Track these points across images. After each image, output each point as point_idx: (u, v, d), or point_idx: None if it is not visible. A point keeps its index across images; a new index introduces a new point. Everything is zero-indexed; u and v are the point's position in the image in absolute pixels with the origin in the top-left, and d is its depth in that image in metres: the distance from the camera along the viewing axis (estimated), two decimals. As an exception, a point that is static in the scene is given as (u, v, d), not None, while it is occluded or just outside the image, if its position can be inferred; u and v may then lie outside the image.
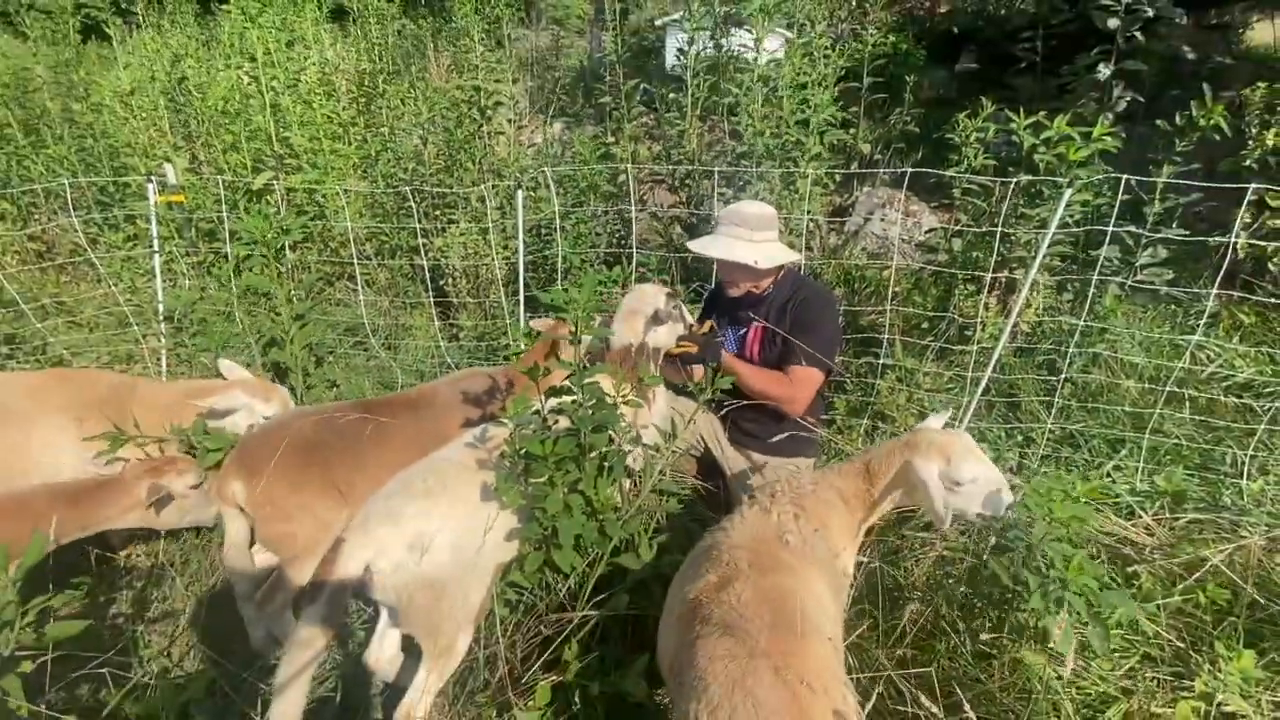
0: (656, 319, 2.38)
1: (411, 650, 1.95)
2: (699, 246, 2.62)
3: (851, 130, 5.72)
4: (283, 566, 2.20)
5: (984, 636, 1.87)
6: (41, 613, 1.62)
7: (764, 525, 1.72)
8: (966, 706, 1.49)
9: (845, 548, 1.82)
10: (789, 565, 1.58)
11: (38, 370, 3.24)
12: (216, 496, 2.18)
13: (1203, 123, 3.13)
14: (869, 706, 1.59)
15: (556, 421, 1.95)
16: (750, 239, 2.52)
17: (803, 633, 1.35)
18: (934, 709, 1.52)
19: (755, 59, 4.31)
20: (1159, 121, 3.46)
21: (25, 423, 2.36)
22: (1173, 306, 3.77)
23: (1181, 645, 1.90)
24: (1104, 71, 4.90)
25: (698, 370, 2.75)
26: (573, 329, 1.92)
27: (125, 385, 2.65)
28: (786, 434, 2.57)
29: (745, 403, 2.56)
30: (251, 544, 2.25)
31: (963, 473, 1.74)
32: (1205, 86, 3.32)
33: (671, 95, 4.83)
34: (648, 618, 1.93)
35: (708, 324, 2.67)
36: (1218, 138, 3.22)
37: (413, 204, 4.55)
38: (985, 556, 1.88)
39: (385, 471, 2.05)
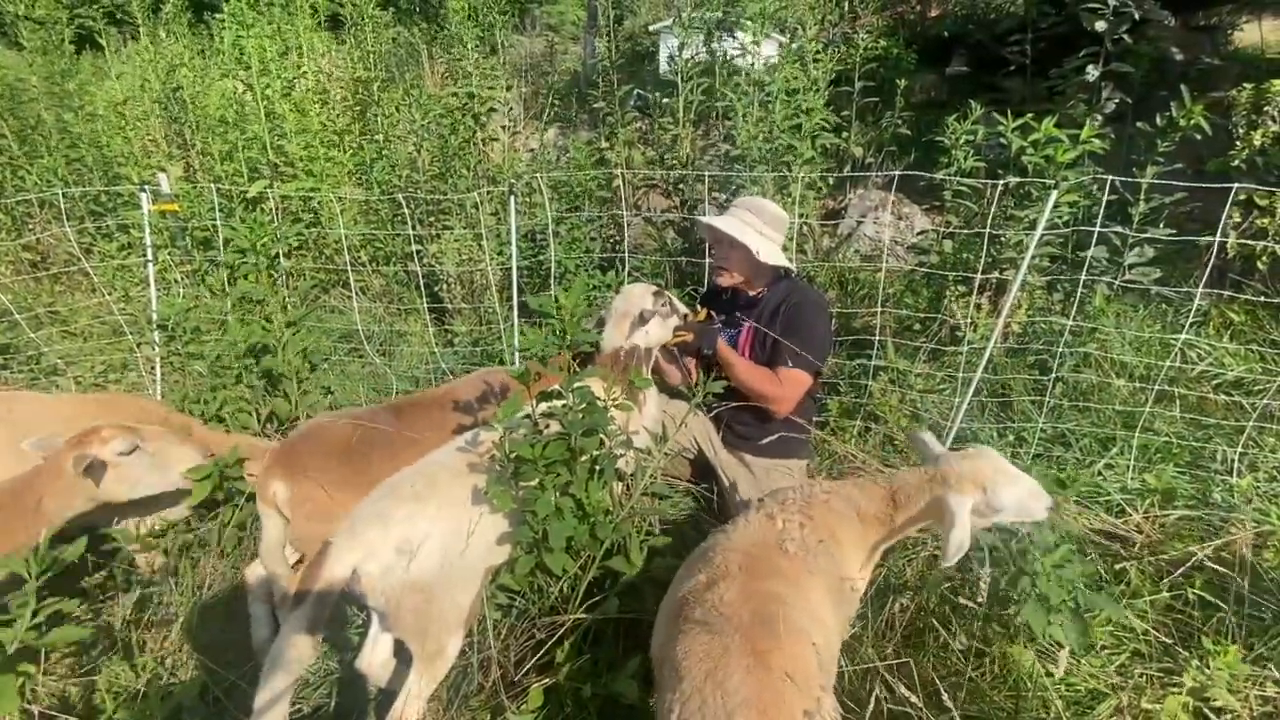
0: (642, 319, 2.40)
1: (404, 655, 1.95)
2: (709, 219, 2.67)
3: (844, 134, 5.76)
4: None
5: (973, 623, 1.88)
6: (49, 616, 1.62)
7: (766, 531, 1.70)
8: (945, 698, 1.49)
9: (858, 564, 1.79)
10: (783, 571, 1.57)
11: (76, 395, 3.23)
12: (258, 498, 2.18)
13: (1183, 123, 3.16)
14: (868, 711, 1.59)
15: (548, 425, 1.97)
16: (760, 230, 2.55)
17: (782, 633, 1.36)
18: (914, 698, 1.52)
19: (752, 64, 4.33)
20: (1140, 123, 3.49)
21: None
22: (1163, 306, 3.80)
23: (1170, 641, 1.92)
24: (1092, 73, 4.93)
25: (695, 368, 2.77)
26: (561, 333, 1.94)
27: (178, 421, 2.64)
28: (778, 436, 2.58)
29: (737, 404, 2.58)
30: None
31: (1002, 500, 1.70)
32: (1183, 87, 3.34)
33: (665, 100, 4.86)
34: (639, 620, 1.94)
35: (704, 312, 2.69)
36: (1199, 137, 3.24)
37: (407, 211, 4.57)
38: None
39: None
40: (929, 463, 1.86)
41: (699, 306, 2.77)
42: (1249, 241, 3.80)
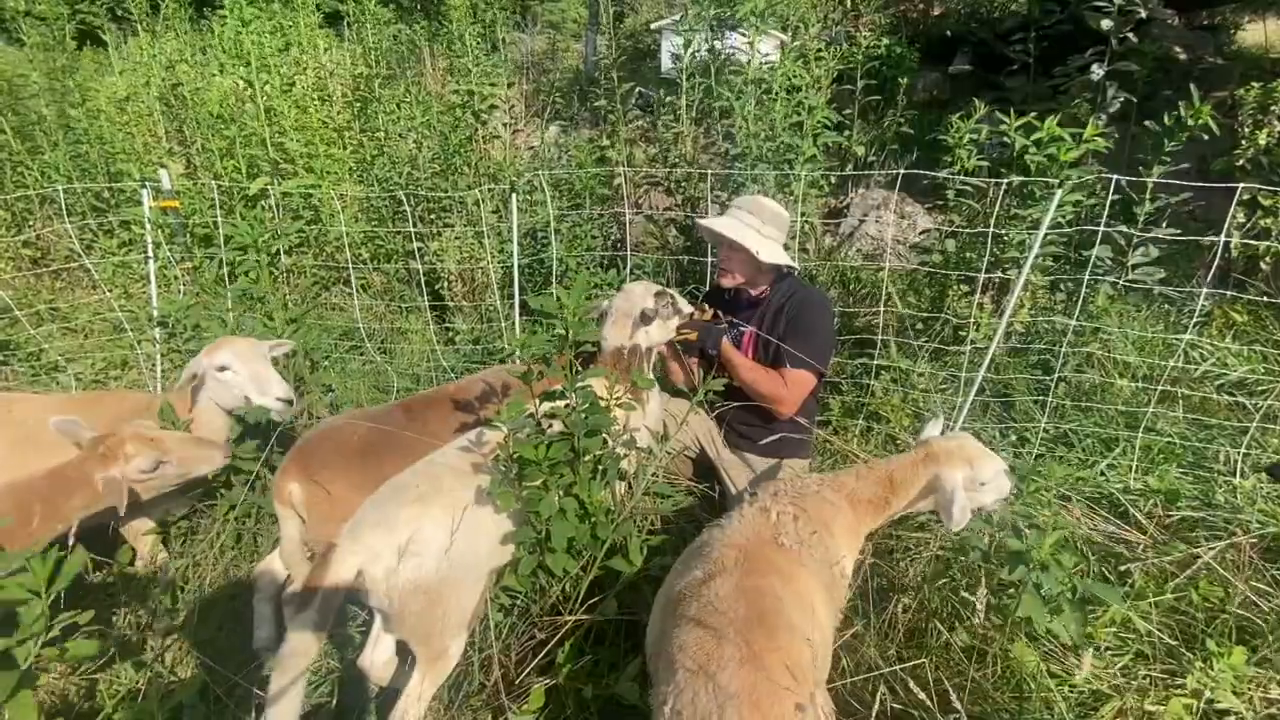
0: (644, 318, 2.38)
1: (405, 655, 1.94)
2: (707, 221, 2.65)
3: (846, 133, 5.74)
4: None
5: (973, 619, 1.88)
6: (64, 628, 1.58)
7: (760, 525, 1.72)
8: (954, 698, 1.49)
9: (846, 551, 1.82)
10: (778, 566, 1.58)
11: (70, 394, 3.24)
12: (275, 500, 2.18)
13: (1191, 122, 3.15)
14: (874, 711, 1.58)
15: (550, 425, 1.96)
16: (759, 230, 2.53)
17: (776, 629, 1.37)
18: (923, 697, 1.52)
19: (750, 62, 4.32)
20: (1147, 122, 3.48)
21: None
22: (1166, 306, 3.79)
23: (1174, 643, 1.91)
24: (1097, 72, 4.92)
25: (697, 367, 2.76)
26: (563, 333, 1.93)
27: (145, 401, 2.65)
28: (780, 435, 2.57)
29: (739, 404, 2.57)
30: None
31: (985, 473, 1.85)
32: (1191, 87, 3.33)
33: (667, 98, 4.84)
34: (640, 621, 1.94)
35: (709, 311, 2.67)
36: (1206, 137, 3.23)
37: (408, 208, 4.56)
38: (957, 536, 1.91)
39: None
40: (917, 446, 1.95)
41: (704, 306, 2.76)
42: (1253, 242, 3.79)
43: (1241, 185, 2.89)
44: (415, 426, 2.34)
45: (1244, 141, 4.19)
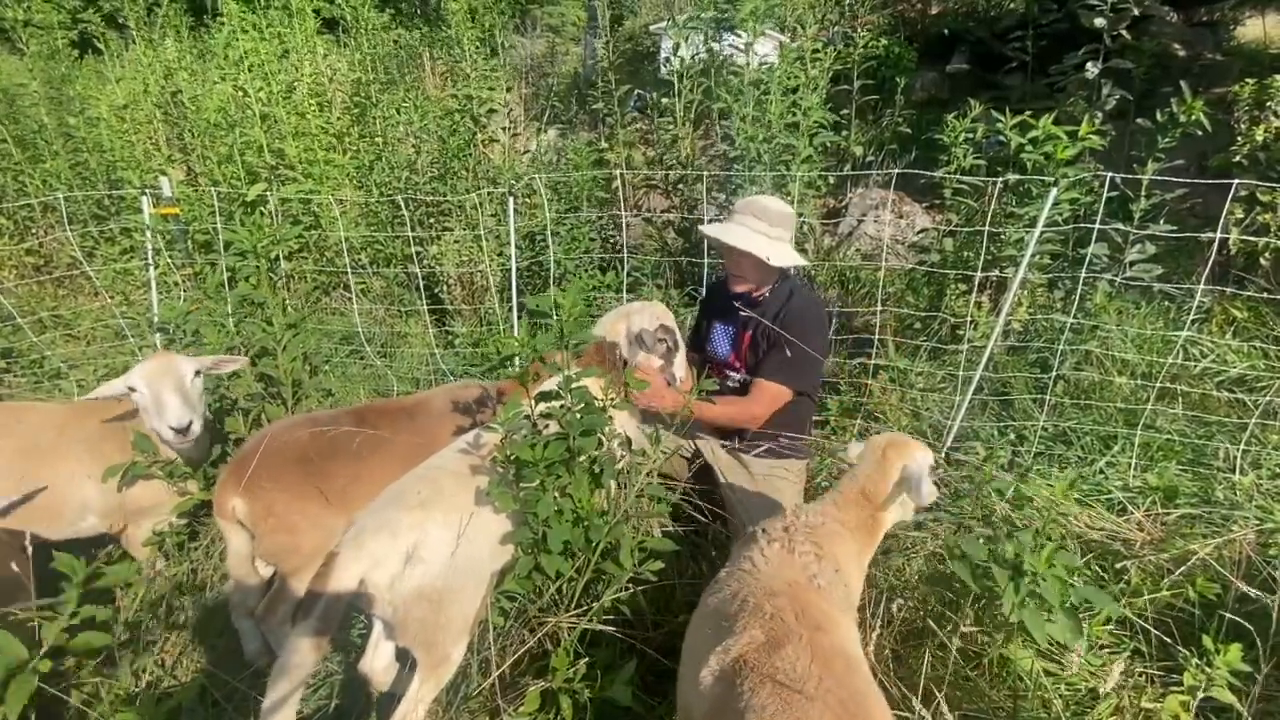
0: (639, 339, 2.37)
1: (406, 659, 1.94)
2: (715, 231, 2.56)
3: (844, 132, 5.75)
4: (285, 578, 2.17)
5: (967, 627, 1.86)
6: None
7: (791, 567, 1.62)
8: (943, 705, 1.49)
9: (856, 585, 1.74)
10: (833, 618, 1.50)
11: (75, 402, 3.25)
12: (216, 515, 2.13)
13: (1183, 119, 3.15)
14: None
15: (546, 426, 1.96)
16: (768, 234, 2.49)
17: (873, 715, 1.25)
18: (920, 707, 1.51)
19: (746, 63, 4.33)
20: (1139, 119, 3.47)
21: (53, 456, 2.38)
22: (1164, 303, 3.78)
23: (1170, 640, 1.90)
24: (1092, 70, 4.91)
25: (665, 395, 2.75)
26: (561, 333, 1.93)
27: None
28: (777, 440, 2.57)
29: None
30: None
31: (924, 462, 1.79)
32: (1182, 83, 3.33)
33: (664, 101, 4.86)
34: (635, 624, 1.94)
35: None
36: (1199, 133, 3.23)
37: (406, 213, 4.58)
38: (949, 559, 1.87)
39: (386, 479, 2.05)
40: (861, 459, 1.88)
41: (700, 316, 2.72)
42: (1251, 238, 3.78)
43: (1237, 181, 2.88)
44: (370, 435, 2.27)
45: (1240, 138, 4.18)
